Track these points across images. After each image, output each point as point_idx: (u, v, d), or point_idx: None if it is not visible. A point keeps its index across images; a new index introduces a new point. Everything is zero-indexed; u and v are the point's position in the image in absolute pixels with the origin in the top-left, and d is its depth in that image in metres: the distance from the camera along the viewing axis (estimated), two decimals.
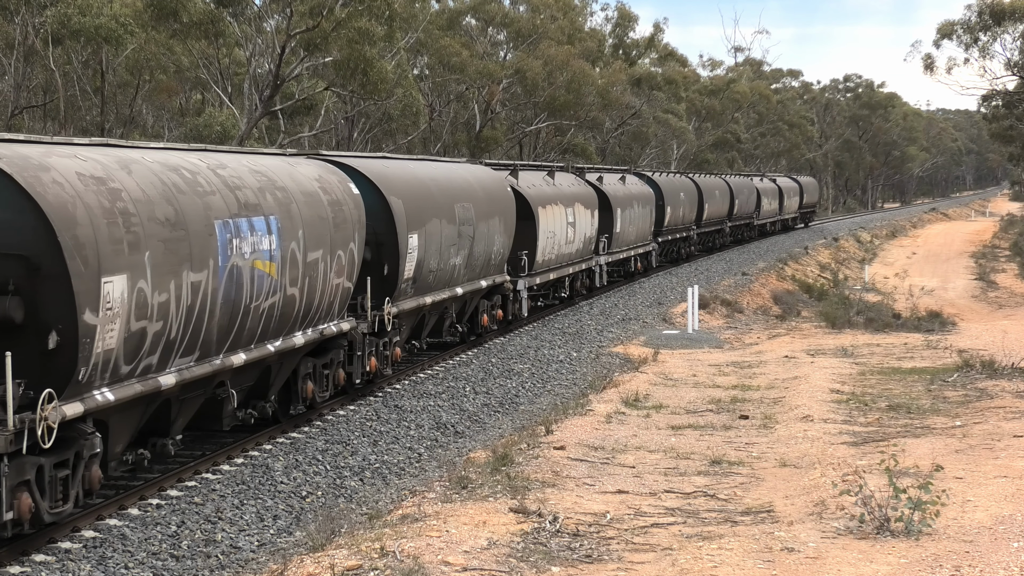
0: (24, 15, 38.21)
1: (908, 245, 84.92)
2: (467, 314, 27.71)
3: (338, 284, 19.36)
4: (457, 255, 25.16)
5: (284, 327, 17.63)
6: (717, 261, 56.84)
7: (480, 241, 26.62)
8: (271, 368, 17.80)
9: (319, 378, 19.64)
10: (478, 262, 26.82)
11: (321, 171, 19.87)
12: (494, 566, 11.09)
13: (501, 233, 28.49)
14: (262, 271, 16.46)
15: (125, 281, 13.26)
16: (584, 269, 38.16)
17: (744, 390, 22.61)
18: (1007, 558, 10.90)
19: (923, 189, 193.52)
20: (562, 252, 34.51)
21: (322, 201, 18.83)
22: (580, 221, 36.19)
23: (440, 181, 25.04)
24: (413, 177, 23.71)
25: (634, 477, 15.24)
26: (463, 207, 25.52)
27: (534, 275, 31.96)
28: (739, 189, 67.18)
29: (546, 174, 35.47)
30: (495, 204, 28.12)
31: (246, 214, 16.20)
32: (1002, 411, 19.29)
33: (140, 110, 49.47)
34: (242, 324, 16.10)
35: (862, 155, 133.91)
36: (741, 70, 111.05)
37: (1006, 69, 54.87)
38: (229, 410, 16.56)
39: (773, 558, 11.23)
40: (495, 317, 29.40)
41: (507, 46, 62.03)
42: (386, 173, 22.47)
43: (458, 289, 25.55)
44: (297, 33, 36.81)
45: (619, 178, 44.40)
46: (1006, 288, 54.02)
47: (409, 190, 22.83)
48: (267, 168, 17.97)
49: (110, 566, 12.83)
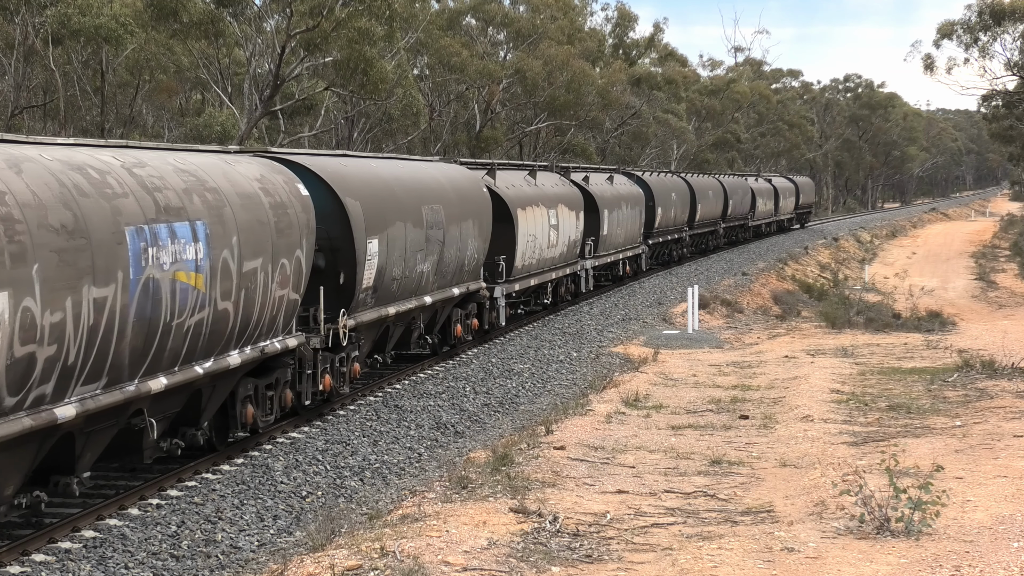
0: (24, 15, 38.20)
1: (908, 245, 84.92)
2: (438, 324, 25.93)
3: (282, 296, 17.47)
4: (425, 261, 23.40)
5: (216, 346, 15.78)
6: (713, 263, 56.05)
7: (451, 246, 24.85)
8: (202, 392, 15.99)
9: (262, 400, 17.74)
10: (449, 268, 25.05)
11: (264, 170, 18.03)
12: (494, 566, 11.09)
13: (475, 237, 26.62)
14: (186, 284, 14.65)
15: (6, 299, 11.48)
16: (568, 274, 36.54)
17: (744, 390, 22.61)
18: (1007, 558, 10.90)
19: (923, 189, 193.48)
20: (544, 256, 32.82)
21: (263, 204, 16.99)
22: (564, 223, 34.55)
23: (406, 181, 23.36)
24: (375, 177, 22.03)
25: (634, 477, 15.24)
26: (432, 209, 23.77)
27: (513, 281, 30.21)
28: (733, 189, 65.94)
29: (527, 174, 33.68)
30: (469, 206, 26.33)
31: (167, 219, 14.33)
32: (1002, 411, 19.30)
33: (140, 110, 49.48)
34: (162, 344, 14.28)
35: (862, 155, 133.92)
36: (741, 70, 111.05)
37: (1006, 69, 54.88)
38: (150, 441, 14.80)
39: (773, 558, 11.23)
40: (470, 327, 27.64)
41: (507, 46, 62.03)
42: (343, 172, 20.83)
43: (426, 298, 23.83)
44: (297, 33, 36.81)
45: (607, 178, 42.90)
46: (1006, 288, 54.02)
47: (369, 191, 21.14)
48: (198, 167, 16.06)
49: (110, 566, 12.83)
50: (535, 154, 63.26)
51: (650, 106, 74.30)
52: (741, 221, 69.28)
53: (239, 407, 17.12)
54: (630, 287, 43.42)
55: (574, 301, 38.03)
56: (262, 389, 17.77)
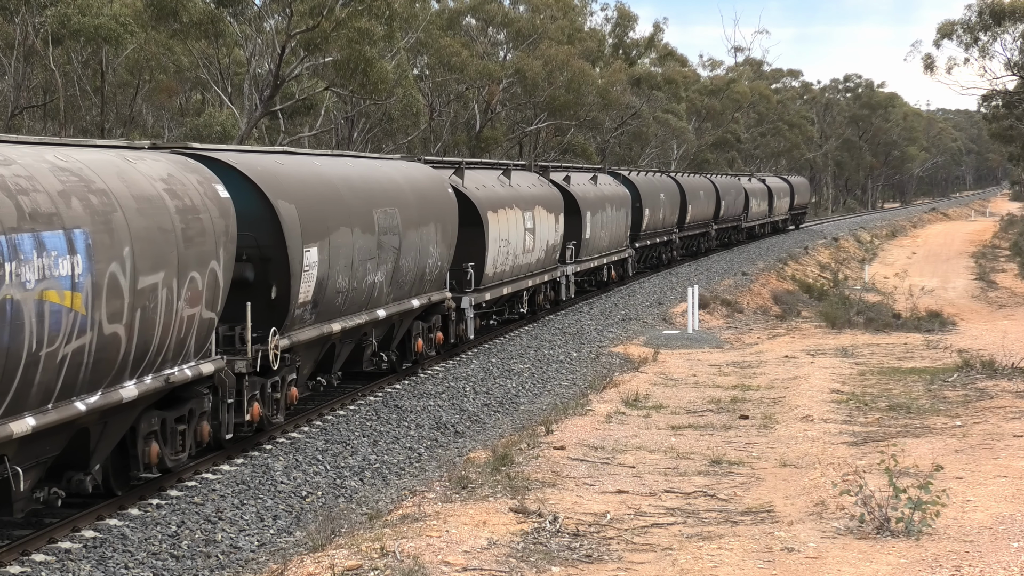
0: (24, 15, 38.21)
1: (908, 245, 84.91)
2: (396, 339, 23.51)
3: (192, 315, 15.06)
4: (377, 271, 21.14)
5: (104, 377, 13.44)
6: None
7: (409, 253, 22.61)
8: (89, 431, 13.71)
9: (171, 436, 15.32)
10: (407, 278, 22.81)
11: (174, 169, 15.60)
12: (494, 566, 11.09)
13: (438, 243, 24.37)
14: (58, 305, 12.33)
15: None
16: (547, 281, 33.99)
17: (744, 390, 22.62)
18: (1007, 558, 10.90)
19: (923, 189, 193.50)
20: (519, 263, 30.46)
21: (167, 208, 14.59)
22: (542, 226, 32.26)
23: (354, 182, 21.00)
24: (316, 177, 19.64)
25: (634, 477, 15.25)
26: (385, 213, 21.56)
27: (483, 290, 27.77)
28: (726, 190, 63.98)
29: (501, 173, 31.17)
30: (430, 208, 24.05)
31: (31, 228, 12.02)
32: (1002, 411, 19.30)
33: (140, 110, 49.49)
34: (26, 379, 12.00)
35: (862, 155, 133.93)
36: (741, 70, 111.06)
37: (1006, 69, 54.88)
38: (21, 492, 12.52)
39: (773, 558, 11.23)
40: (434, 341, 25.30)
41: (507, 46, 62.03)
42: (276, 172, 18.43)
43: (380, 312, 21.51)
44: (297, 33, 36.81)
45: (590, 178, 40.74)
46: (1006, 288, 54.01)
47: (308, 192, 18.79)
48: (84, 165, 13.71)
49: (110, 566, 12.83)
50: (535, 154, 63.24)
51: (650, 106, 74.29)
52: (734, 222, 67.48)
53: (141, 445, 14.80)
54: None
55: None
56: (171, 423, 15.34)
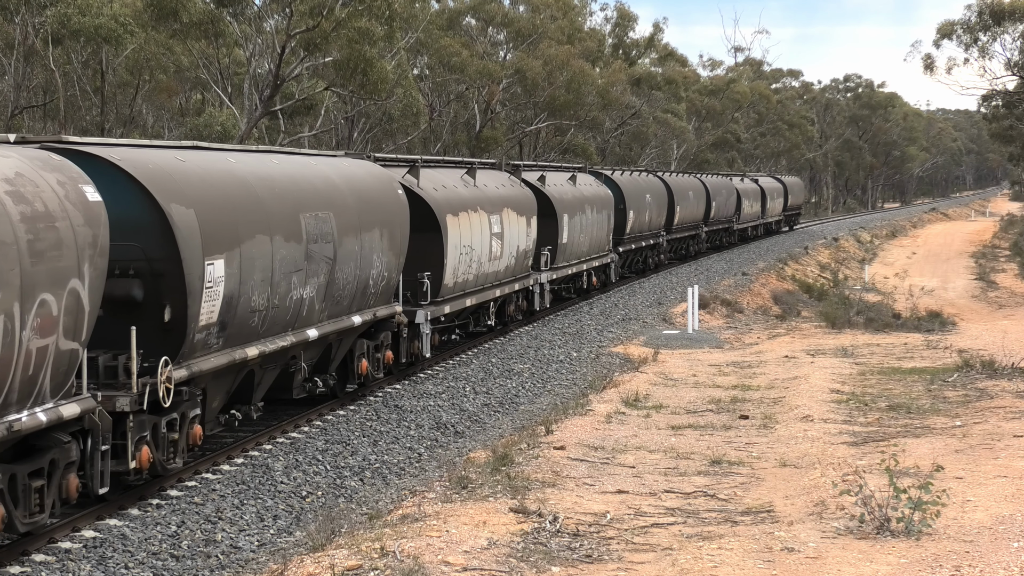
0: (24, 15, 38.23)
1: (908, 245, 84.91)
2: (335, 361, 20.75)
3: (44, 347, 12.38)
4: (305, 285, 18.34)
5: None
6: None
7: (347, 263, 19.90)
8: None
9: (24, 495, 12.55)
10: (345, 292, 20.06)
11: (27, 166, 12.77)
12: (494, 566, 11.09)
13: (385, 251, 21.64)
14: None
15: None
16: (519, 290, 31.26)
17: (744, 390, 22.62)
18: (1007, 558, 10.90)
19: (923, 189, 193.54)
20: (484, 271, 27.71)
21: (5, 215, 11.87)
22: (511, 231, 29.61)
23: (277, 182, 18.11)
24: (227, 176, 16.88)
25: (634, 477, 15.25)
26: (316, 218, 18.72)
27: (441, 303, 24.97)
28: (717, 190, 61.48)
29: (465, 172, 28.52)
30: (375, 212, 21.28)
31: None
32: (1002, 411, 19.30)
33: (140, 110, 49.50)
34: None
35: (862, 155, 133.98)
36: (741, 70, 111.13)
37: (1006, 69, 54.91)
38: None
39: (773, 558, 11.23)
40: (382, 361, 22.52)
41: (507, 46, 62.07)
42: (171, 170, 15.56)
43: (311, 331, 18.75)
44: (297, 33, 36.82)
45: (568, 177, 37.98)
46: (1006, 288, 54.01)
47: (213, 194, 16.01)
48: None
49: (110, 566, 12.83)
50: (535, 154, 63.30)
51: (650, 106, 74.32)
52: (725, 224, 65.12)
53: None
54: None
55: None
56: (23, 479, 12.55)
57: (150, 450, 14.63)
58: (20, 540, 12.93)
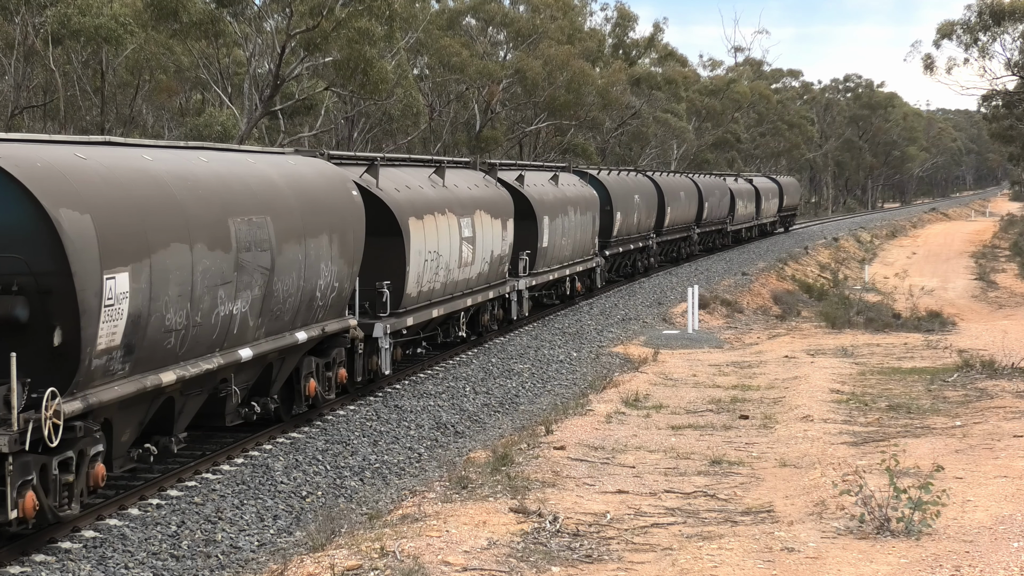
0: (24, 15, 38.24)
1: (908, 245, 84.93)
2: (278, 382, 18.57)
3: None
4: (235, 299, 16.16)
5: None
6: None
7: (288, 273, 17.67)
8: None
9: None
10: (286, 306, 17.84)
11: None
12: (494, 566, 11.09)
13: (335, 258, 19.45)
14: None
15: None
16: (493, 298, 29.11)
17: (744, 390, 22.62)
18: (1007, 558, 10.90)
19: (923, 189, 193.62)
20: (454, 278, 25.66)
21: None
22: (484, 235, 27.49)
23: (201, 181, 15.80)
24: (137, 176, 14.54)
25: (634, 477, 15.25)
26: (249, 223, 16.49)
27: (403, 314, 22.85)
28: (709, 190, 59.69)
29: (433, 172, 26.29)
30: (323, 215, 19.04)
31: None
32: (1002, 411, 19.31)
33: (140, 110, 49.50)
34: None
35: (862, 155, 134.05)
36: (741, 70, 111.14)
37: (1006, 69, 54.93)
38: None
39: (773, 558, 11.23)
40: (334, 380, 20.47)
41: (507, 46, 62.10)
42: (64, 168, 13.29)
43: (243, 351, 16.53)
44: (297, 33, 36.83)
45: (550, 177, 35.71)
46: (1006, 288, 54.03)
47: (117, 197, 13.80)
48: None
49: (110, 566, 12.83)
50: (535, 154, 63.31)
51: (650, 106, 74.33)
52: (719, 226, 63.25)
53: None
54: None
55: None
56: None
57: (36, 496, 12.49)
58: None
